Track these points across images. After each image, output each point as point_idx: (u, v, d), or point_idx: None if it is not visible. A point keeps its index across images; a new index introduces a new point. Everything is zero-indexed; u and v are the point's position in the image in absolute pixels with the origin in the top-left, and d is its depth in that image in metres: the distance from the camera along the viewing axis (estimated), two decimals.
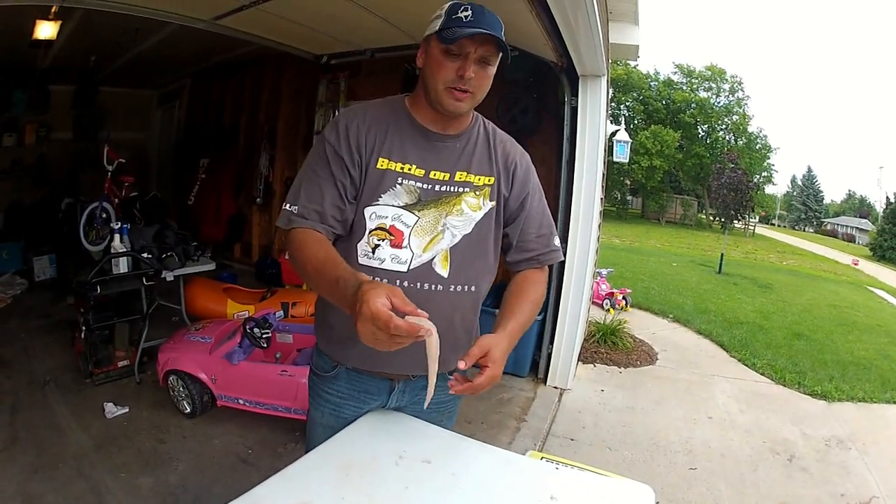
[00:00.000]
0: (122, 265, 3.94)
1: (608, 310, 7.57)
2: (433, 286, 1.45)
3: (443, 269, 1.46)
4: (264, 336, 3.54)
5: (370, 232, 1.42)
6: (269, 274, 6.35)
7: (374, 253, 1.42)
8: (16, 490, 2.72)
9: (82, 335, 3.86)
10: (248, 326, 3.54)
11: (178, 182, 8.22)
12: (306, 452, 1.44)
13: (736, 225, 21.19)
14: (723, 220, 15.18)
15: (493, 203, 1.55)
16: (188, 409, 3.58)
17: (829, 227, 48.84)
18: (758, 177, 32.19)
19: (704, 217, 34.58)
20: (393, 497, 1.22)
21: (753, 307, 10.01)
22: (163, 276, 4.25)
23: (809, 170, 53.97)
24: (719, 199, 14.62)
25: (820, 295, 13.34)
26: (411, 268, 1.43)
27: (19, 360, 4.14)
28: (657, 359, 5.96)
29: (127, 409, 3.58)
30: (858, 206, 51.14)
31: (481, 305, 1.63)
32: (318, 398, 1.63)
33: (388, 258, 1.42)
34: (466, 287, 1.50)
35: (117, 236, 4.04)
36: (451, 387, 1.37)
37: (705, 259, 18.03)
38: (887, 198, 35.24)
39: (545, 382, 4.76)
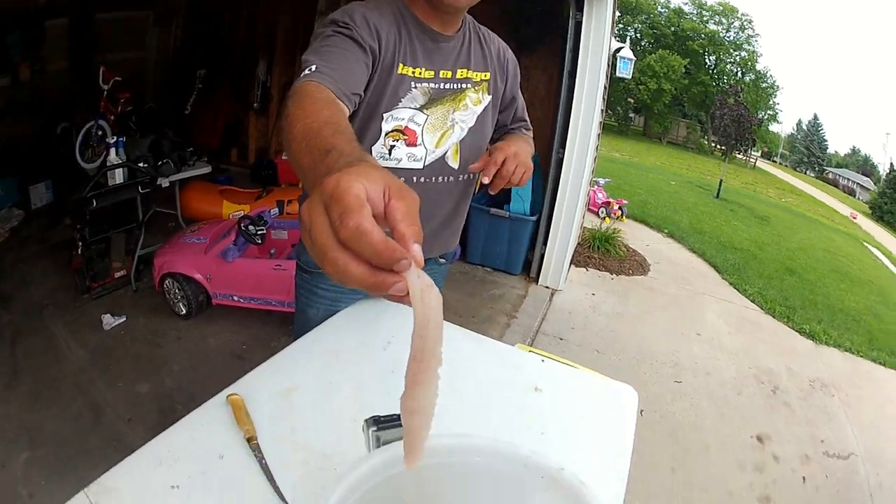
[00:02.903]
0: (118, 176, 3.94)
1: (604, 218, 7.76)
2: (447, 178, 1.49)
3: (454, 162, 1.49)
4: (259, 233, 3.59)
5: (386, 134, 1.40)
6: (266, 175, 6.34)
7: (390, 154, 1.41)
8: (18, 424, 2.74)
9: (79, 251, 3.87)
10: (242, 224, 3.60)
11: (175, 94, 8.13)
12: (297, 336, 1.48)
13: (737, 156, 21.09)
14: (724, 148, 15.08)
15: (490, 96, 1.57)
16: (184, 311, 3.66)
17: (830, 175, 48.38)
18: (762, 113, 32.04)
19: (706, 143, 34.46)
20: (378, 380, 1.24)
21: (749, 236, 10.10)
22: (158, 182, 4.25)
23: (815, 117, 52.76)
24: (721, 129, 14.52)
25: (815, 237, 13.44)
26: (427, 164, 1.45)
27: (18, 291, 4.13)
28: (649, 270, 6.07)
29: (124, 318, 3.65)
30: (862, 164, 50.56)
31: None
32: (312, 296, 1.59)
33: (405, 157, 1.42)
34: (469, 176, 1.55)
35: (113, 150, 4.07)
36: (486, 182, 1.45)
37: (704, 182, 18.09)
38: (892, 164, 35.33)
39: (537, 282, 4.87)
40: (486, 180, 1.37)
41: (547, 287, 4.85)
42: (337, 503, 0.67)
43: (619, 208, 8.03)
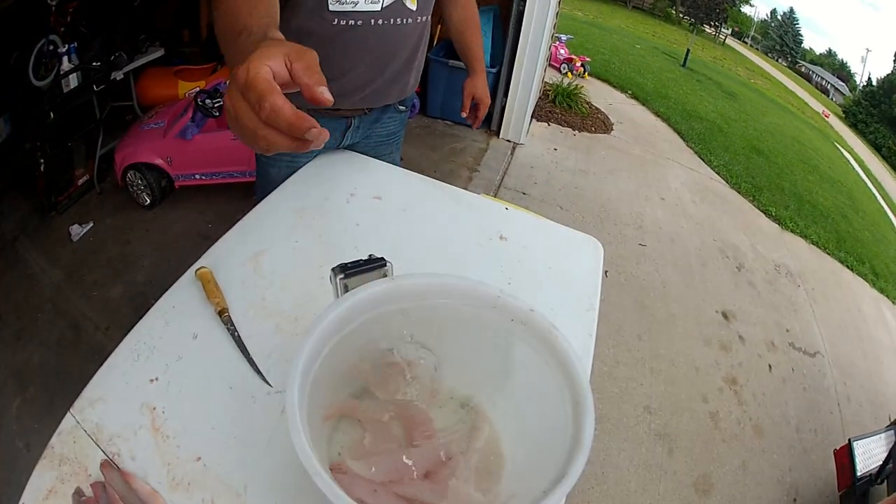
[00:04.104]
0: (73, 81, 3.78)
1: (566, 74, 7.69)
2: (405, 20, 1.43)
3: (412, 3, 1.42)
4: (216, 105, 3.48)
5: None
6: (219, 48, 6.13)
7: None
8: (5, 370, 2.63)
9: (41, 169, 3.74)
10: (199, 99, 3.47)
11: None
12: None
13: (705, 29, 20.63)
14: (692, 20, 14.74)
15: None
16: (148, 201, 3.60)
17: (803, 69, 47.42)
18: None
19: (674, 12, 33.64)
20: (344, 234, 1.25)
21: (715, 108, 9.93)
22: (112, 77, 4.09)
23: (792, 11, 51.42)
24: (690, 0, 14.18)
25: (785, 124, 13.22)
26: (385, 5, 1.38)
27: None
28: (612, 129, 6.00)
29: (91, 224, 3.55)
30: (838, 68, 49.61)
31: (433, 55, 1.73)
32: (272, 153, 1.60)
33: (363, 0, 1.36)
34: (426, 17, 1.50)
35: (65, 58, 3.88)
36: (470, 121, 1.82)
37: (670, 50, 17.74)
38: (869, 78, 34.94)
39: (498, 135, 4.82)
40: (463, 114, 1.78)
41: (508, 141, 4.80)
42: (307, 360, 0.67)
43: (582, 65, 7.93)
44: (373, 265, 0.86)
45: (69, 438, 0.83)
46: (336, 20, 1.31)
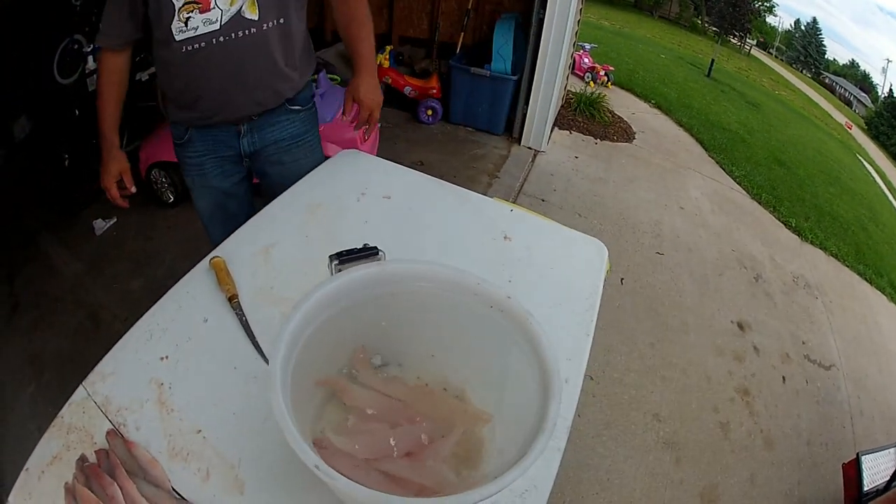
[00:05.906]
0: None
1: (589, 83, 7.59)
2: (247, 31, 1.48)
3: (252, 14, 1.47)
4: None
5: (179, 9, 1.41)
6: None
7: (187, 26, 1.42)
8: (24, 359, 2.65)
9: (66, 164, 3.81)
10: None
11: None
12: (200, 218, 1.82)
13: (731, 40, 20.42)
14: (718, 30, 14.63)
15: None
16: (171, 199, 3.64)
17: (827, 80, 46.80)
18: (758, 3, 30.98)
19: (700, 22, 33.37)
20: (352, 231, 1.29)
21: (738, 119, 9.76)
22: (137, 77, 4.16)
23: (815, 21, 50.75)
24: (716, 11, 14.08)
25: (808, 136, 12.97)
26: (223, 24, 1.44)
27: (11, 226, 4.02)
28: (634, 138, 5.93)
29: (114, 219, 3.59)
30: (860, 80, 48.95)
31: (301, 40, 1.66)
32: (185, 166, 1.81)
33: (201, 24, 1.43)
34: (276, 21, 1.52)
35: (90, 58, 3.91)
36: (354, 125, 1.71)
37: (695, 60, 17.50)
38: (890, 90, 34.66)
39: (519, 142, 4.79)
40: (346, 119, 1.66)
41: (529, 148, 4.78)
42: (294, 330, 0.71)
43: (606, 74, 7.86)
44: (366, 253, 0.91)
45: (79, 409, 0.88)
46: (183, 48, 1.42)
